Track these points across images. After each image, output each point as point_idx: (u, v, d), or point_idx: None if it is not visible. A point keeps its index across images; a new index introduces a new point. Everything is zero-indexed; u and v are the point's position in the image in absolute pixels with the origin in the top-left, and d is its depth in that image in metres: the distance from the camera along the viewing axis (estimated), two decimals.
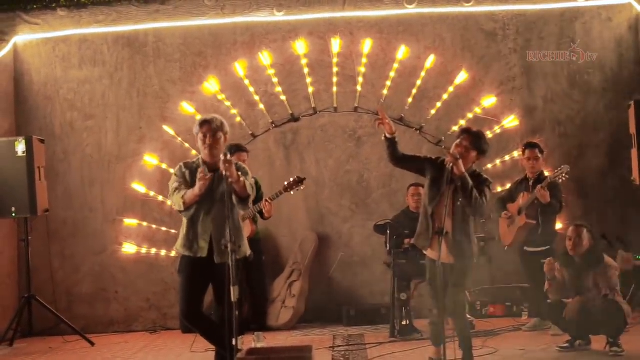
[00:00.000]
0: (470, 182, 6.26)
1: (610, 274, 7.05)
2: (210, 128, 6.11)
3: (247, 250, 6.35)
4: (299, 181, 8.10)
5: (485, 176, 6.57)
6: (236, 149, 8.17)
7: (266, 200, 8.15)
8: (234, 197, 5.98)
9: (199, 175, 5.95)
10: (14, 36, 9.81)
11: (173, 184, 6.23)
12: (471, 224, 6.52)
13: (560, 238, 8.05)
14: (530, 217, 8.14)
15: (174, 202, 6.16)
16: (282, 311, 9.17)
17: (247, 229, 8.14)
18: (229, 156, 5.90)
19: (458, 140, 6.48)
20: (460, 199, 6.30)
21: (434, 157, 6.64)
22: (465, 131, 6.57)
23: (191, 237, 6.18)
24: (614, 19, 9.70)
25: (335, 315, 9.31)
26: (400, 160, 6.61)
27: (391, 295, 8.38)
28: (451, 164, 6.23)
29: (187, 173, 6.22)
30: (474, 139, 6.47)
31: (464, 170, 6.24)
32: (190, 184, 6.14)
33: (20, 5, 9.75)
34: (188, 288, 6.19)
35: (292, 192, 8.16)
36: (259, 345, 7.69)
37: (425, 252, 6.63)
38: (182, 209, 6.09)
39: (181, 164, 6.37)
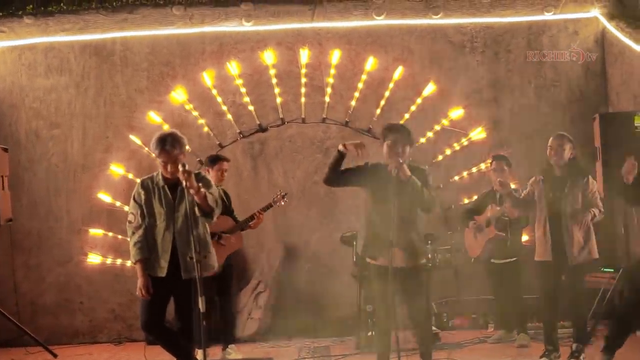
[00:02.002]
0: (419, 182, 6.09)
1: (592, 189, 7.02)
2: (169, 157, 6.02)
3: (215, 264, 6.32)
4: (284, 196, 8.38)
5: (422, 166, 6.37)
6: (216, 158, 8.16)
7: (259, 212, 8.13)
8: (197, 210, 5.94)
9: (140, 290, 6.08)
10: None
11: (130, 220, 6.21)
12: (420, 224, 6.31)
13: (526, 250, 8.09)
14: (499, 229, 8.14)
15: (130, 250, 6.17)
16: (248, 322, 9.12)
17: (238, 242, 8.13)
18: (187, 166, 5.86)
19: (389, 142, 6.15)
20: (408, 201, 6.08)
21: (370, 163, 6.31)
22: (391, 129, 6.27)
23: (152, 257, 6.14)
24: (580, 33, 9.79)
25: (301, 327, 9.21)
26: (340, 175, 6.21)
27: (357, 306, 8.36)
28: (397, 170, 6.00)
29: (142, 194, 6.17)
30: (405, 134, 6.22)
31: (409, 173, 6.06)
32: (146, 205, 6.15)
33: None
34: (148, 301, 6.15)
35: (278, 205, 8.43)
36: (231, 357, 7.73)
37: (374, 262, 6.30)
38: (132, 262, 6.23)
39: (138, 182, 6.29)
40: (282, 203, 8.42)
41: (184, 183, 5.78)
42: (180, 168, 5.83)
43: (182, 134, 6.23)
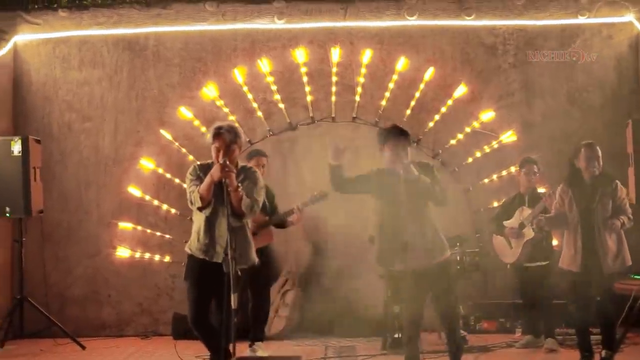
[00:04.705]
0: (428, 179, 6.12)
1: (621, 195, 6.96)
2: (224, 142, 6.02)
3: (254, 258, 6.33)
4: (324, 195, 8.15)
5: (425, 161, 6.41)
6: (255, 153, 8.16)
7: (297, 208, 8.09)
8: (229, 208, 5.92)
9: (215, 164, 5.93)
10: (14, 35, 9.79)
11: (190, 186, 6.14)
12: (434, 219, 6.29)
13: (557, 254, 8.05)
14: (536, 230, 8.03)
15: (194, 200, 6.05)
16: (275, 320, 9.14)
17: (267, 237, 8.11)
18: (227, 161, 5.87)
19: (391, 146, 6.19)
20: (419, 200, 6.10)
21: (374, 170, 6.37)
22: (390, 133, 6.29)
23: (207, 240, 6.12)
24: (615, 37, 9.72)
25: (327, 326, 9.26)
26: (345, 184, 6.34)
27: (384, 307, 8.36)
28: (405, 172, 6.02)
29: (201, 175, 6.14)
30: (404, 135, 6.27)
31: (417, 172, 6.08)
32: None
33: (21, 5, 9.69)
34: (197, 294, 6.15)
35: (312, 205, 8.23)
36: (258, 354, 7.74)
37: (393, 268, 6.35)
38: (200, 204, 6.00)
39: (195, 165, 6.32)
40: (317, 202, 8.23)
41: (223, 180, 5.80)
42: (220, 161, 5.84)
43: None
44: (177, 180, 9.44)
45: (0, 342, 8.63)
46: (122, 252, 9.62)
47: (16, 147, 8.74)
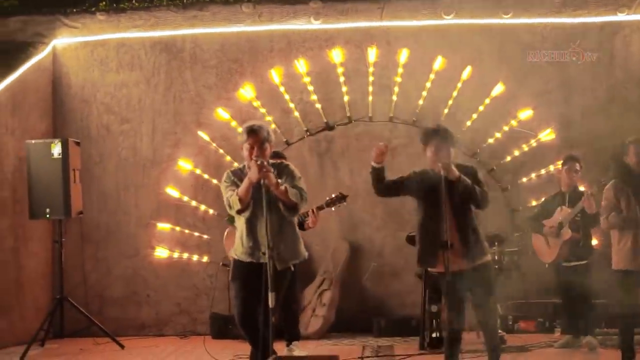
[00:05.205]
0: (469, 180, 6.06)
1: None
2: (258, 139, 6.00)
3: (304, 252, 6.31)
4: (342, 198, 8.02)
5: (466, 164, 6.35)
6: (273, 155, 8.05)
7: (312, 211, 8.03)
8: (280, 205, 5.92)
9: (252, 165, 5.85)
10: (53, 39, 9.93)
11: (227, 192, 6.09)
12: (476, 221, 6.24)
13: (598, 253, 7.98)
14: (574, 230, 7.99)
15: (232, 203, 6.00)
16: (312, 320, 9.15)
17: None
18: (263, 161, 5.83)
19: (433, 147, 6.15)
20: (460, 201, 6.05)
21: (416, 172, 6.32)
22: (432, 133, 6.25)
23: (251, 243, 6.07)
24: None
25: (365, 325, 9.25)
26: (387, 187, 6.32)
27: (422, 307, 8.32)
28: (446, 172, 5.97)
29: (236, 180, 6.10)
30: (447, 136, 6.23)
31: (458, 173, 6.03)
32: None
33: (60, 9, 9.84)
34: (244, 294, 6.07)
35: (333, 209, 8.08)
36: (295, 354, 7.71)
37: (433, 269, 6.35)
38: (239, 206, 5.94)
39: (228, 171, 6.26)
40: (338, 206, 8.05)
41: (261, 180, 5.75)
42: (255, 160, 5.81)
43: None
44: (214, 181, 9.49)
45: (41, 341, 8.75)
46: (161, 253, 9.69)
47: (56, 150, 8.82)
